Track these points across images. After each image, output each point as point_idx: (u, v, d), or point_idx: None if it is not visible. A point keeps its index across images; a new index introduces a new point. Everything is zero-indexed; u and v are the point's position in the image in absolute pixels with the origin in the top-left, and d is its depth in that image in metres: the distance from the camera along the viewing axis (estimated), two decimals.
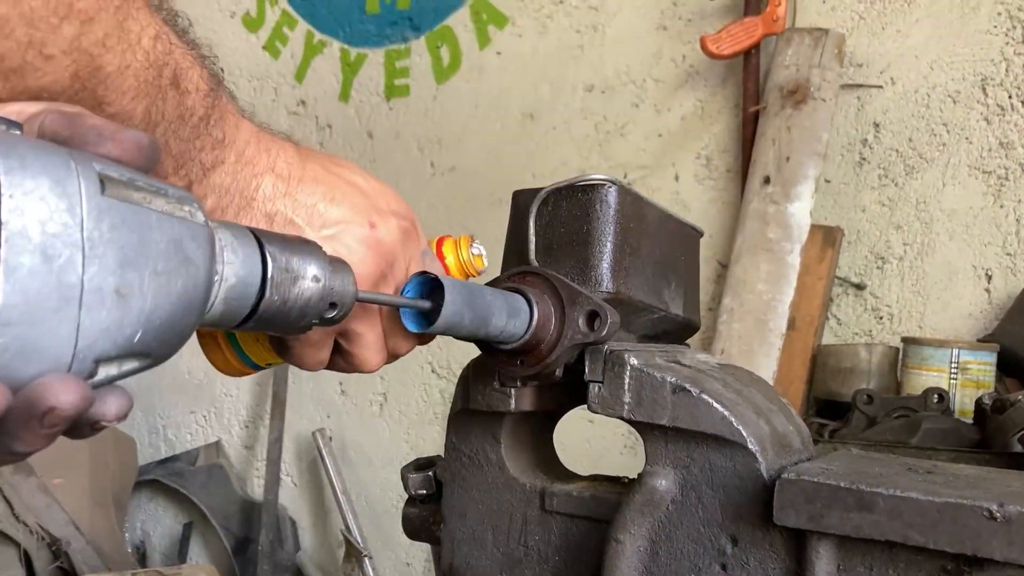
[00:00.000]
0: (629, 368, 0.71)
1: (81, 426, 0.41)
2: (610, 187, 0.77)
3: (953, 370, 1.71)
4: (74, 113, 0.43)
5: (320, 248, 0.55)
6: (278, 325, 0.52)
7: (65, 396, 0.38)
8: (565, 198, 0.78)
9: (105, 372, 0.41)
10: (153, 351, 0.43)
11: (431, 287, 0.63)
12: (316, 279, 0.53)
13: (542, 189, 0.78)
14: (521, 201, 0.80)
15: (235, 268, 0.48)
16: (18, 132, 0.39)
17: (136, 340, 0.41)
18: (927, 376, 1.72)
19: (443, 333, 0.65)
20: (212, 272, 0.46)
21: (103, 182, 0.39)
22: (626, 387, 0.71)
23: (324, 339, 0.69)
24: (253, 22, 3.06)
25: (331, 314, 0.55)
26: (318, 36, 2.94)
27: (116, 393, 0.41)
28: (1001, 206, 2.00)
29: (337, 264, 0.56)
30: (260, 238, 0.50)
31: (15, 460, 0.42)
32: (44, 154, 0.37)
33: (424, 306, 0.62)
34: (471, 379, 0.79)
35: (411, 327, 0.64)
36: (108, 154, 0.42)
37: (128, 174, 0.41)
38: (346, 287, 0.55)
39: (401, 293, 0.65)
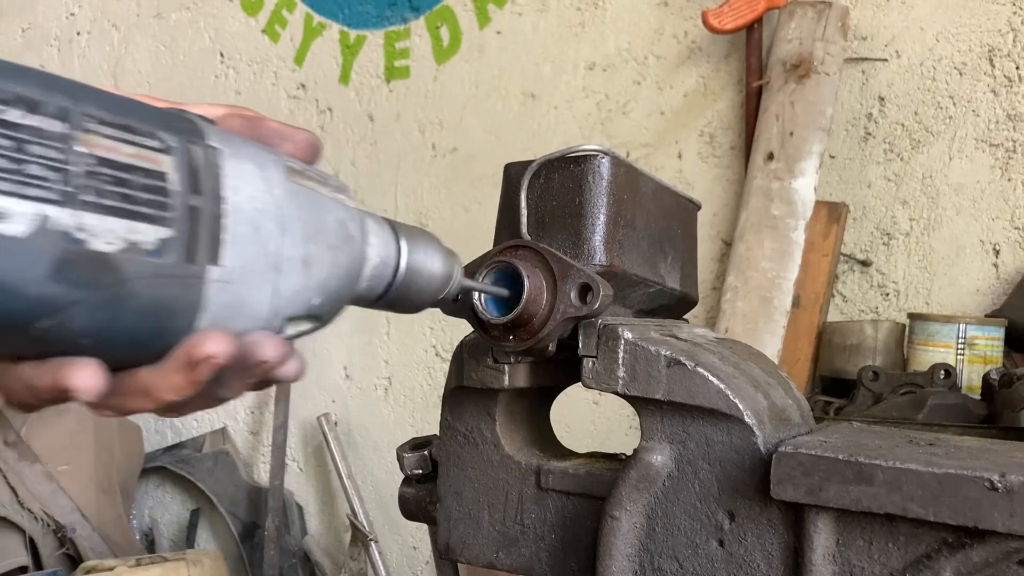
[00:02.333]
0: (623, 342, 0.70)
1: (268, 380, 0.47)
2: (603, 158, 0.75)
3: (960, 346, 1.69)
4: (255, 117, 0.50)
5: (436, 238, 0.61)
6: (401, 303, 0.58)
7: (272, 351, 0.44)
8: (557, 170, 0.76)
9: (287, 331, 0.47)
10: (324, 315, 0.50)
11: (508, 275, 0.69)
12: (436, 264, 0.59)
13: (533, 161, 0.76)
14: (513, 174, 0.79)
15: (377, 250, 0.54)
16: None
17: (314, 304, 0.48)
18: (934, 352, 1.70)
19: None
20: (365, 251, 0.52)
21: (287, 170, 0.47)
22: (620, 361, 0.70)
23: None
24: (252, 5, 3.03)
25: (443, 296, 0.62)
26: (317, 18, 2.91)
27: (295, 355, 0.47)
28: (1009, 179, 1.97)
29: (449, 253, 0.62)
30: (393, 226, 0.57)
31: (215, 405, 0.47)
32: (246, 144, 0.45)
33: (503, 294, 0.69)
34: (465, 356, 0.78)
35: (496, 313, 0.69)
36: (286, 152, 0.49)
37: (300, 164, 0.48)
38: (457, 274, 0.62)
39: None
